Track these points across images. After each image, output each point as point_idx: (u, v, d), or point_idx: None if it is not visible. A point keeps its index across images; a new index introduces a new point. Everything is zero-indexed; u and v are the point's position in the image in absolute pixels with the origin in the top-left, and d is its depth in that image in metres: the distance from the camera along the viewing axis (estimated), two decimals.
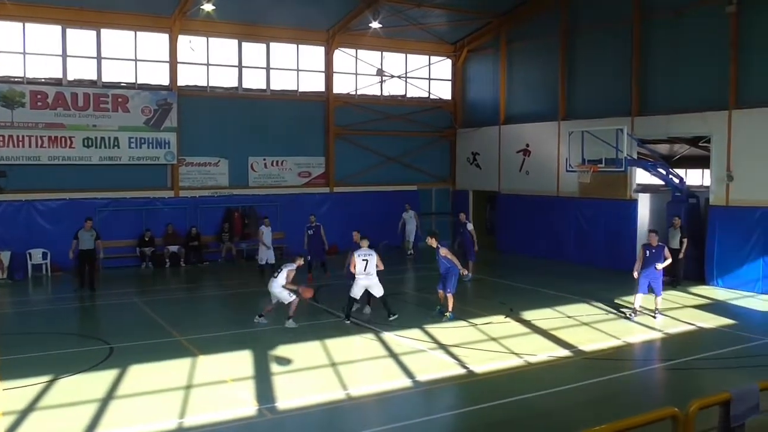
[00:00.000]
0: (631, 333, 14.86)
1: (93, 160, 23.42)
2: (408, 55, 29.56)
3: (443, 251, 15.76)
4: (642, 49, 22.61)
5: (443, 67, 30.60)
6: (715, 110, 20.26)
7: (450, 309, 15.72)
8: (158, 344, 13.80)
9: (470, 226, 21.37)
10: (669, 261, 15.97)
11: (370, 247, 15.79)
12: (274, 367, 12.27)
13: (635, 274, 16.06)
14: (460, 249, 20.81)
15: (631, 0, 22.71)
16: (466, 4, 26.41)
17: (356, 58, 28.45)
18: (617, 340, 14.23)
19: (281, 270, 15.21)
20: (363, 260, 15.47)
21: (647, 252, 15.88)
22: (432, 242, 15.93)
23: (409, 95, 29.96)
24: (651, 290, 15.85)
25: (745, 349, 13.51)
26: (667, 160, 24.58)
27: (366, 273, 15.46)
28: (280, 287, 15.05)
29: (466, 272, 15.86)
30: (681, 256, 19.64)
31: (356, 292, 15.66)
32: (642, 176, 24.04)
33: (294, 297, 15.07)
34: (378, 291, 15.73)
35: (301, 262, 15.83)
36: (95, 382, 11.33)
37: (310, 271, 20.62)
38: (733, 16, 19.64)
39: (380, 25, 25.25)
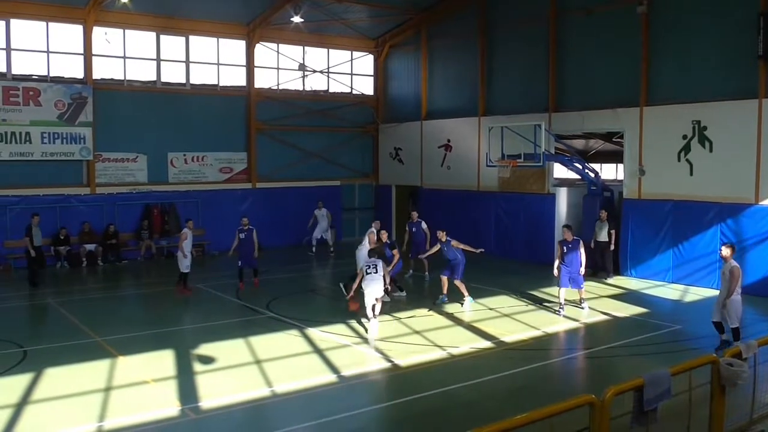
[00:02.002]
0: (551, 323, 15.26)
1: (3, 156, 22.44)
2: (330, 51, 29.48)
3: (454, 243, 16.86)
4: (558, 47, 23.20)
5: (365, 62, 30.65)
6: (627, 107, 20.99)
7: (466, 293, 16.79)
8: (75, 346, 13.35)
9: (425, 225, 20.61)
10: (584, 257, 16.17)
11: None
12: (197, 367, 12.07)
13: (555, 272, 16.29)
14: (408, 247, 20.75)
15: None
16: (387, 0, 26.51)
17: (278, 52, 28.19)
18: (537, 330, 14.60)
19: (377, 265, 14.57)
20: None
21: (564, 248, 16.20)
22: (442, 236, 16.99)
23: (331, 90, 29.88)
24: (572, 283, 16.23)
25: (657, 336, 14.07)
26: (582, 155, 25.34)
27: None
28: (382, 282, 14.57)
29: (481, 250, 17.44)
30: (612, 247, 20.34)
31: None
32: (559, 171, 24.73)
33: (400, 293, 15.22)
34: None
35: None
36: (8, 387, 10.88)
37: (241, 279, 18.93)
38: (643, 16, 20.35)
39: (302, 20, 25.09)
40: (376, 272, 14.46)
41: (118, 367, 12.05)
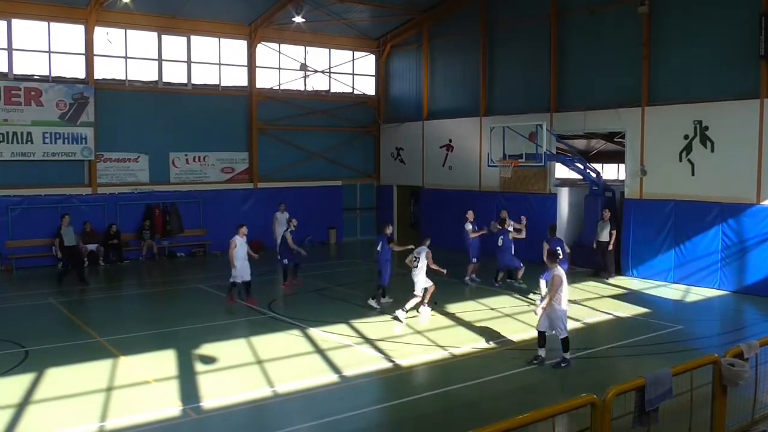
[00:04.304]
0: None
1: (5, 156, 22.46)
2: (331, 50, 29.48)
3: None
4: (559, 46, 23.18)
5: (367, 62, 30.64)
6: (628, 107, 20.98)
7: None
8: (77, 346, 13.37)
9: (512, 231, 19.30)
10: (545, 256, 16.05)
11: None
12: (199, 367, 12.08)
13: None
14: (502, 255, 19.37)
15: None
16: (389, 0, 26.50)
17: (279, 52, 28.20)
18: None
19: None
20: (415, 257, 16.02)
21: None
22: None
23: (332, 90, 29.88)
24: None
25: (658, 337, 14.06)
26: (584, 155, 25.33)
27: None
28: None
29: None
30: (611, 248, 20.31)
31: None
32: (561, 171, 24.70)
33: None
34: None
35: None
36: (9, 387, 10.90)
37: (295, 276, 19.12)
38: (645, 16, 20.34)
39: (303, 20, 25.07)
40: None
41: (119, 367, 12.05)
